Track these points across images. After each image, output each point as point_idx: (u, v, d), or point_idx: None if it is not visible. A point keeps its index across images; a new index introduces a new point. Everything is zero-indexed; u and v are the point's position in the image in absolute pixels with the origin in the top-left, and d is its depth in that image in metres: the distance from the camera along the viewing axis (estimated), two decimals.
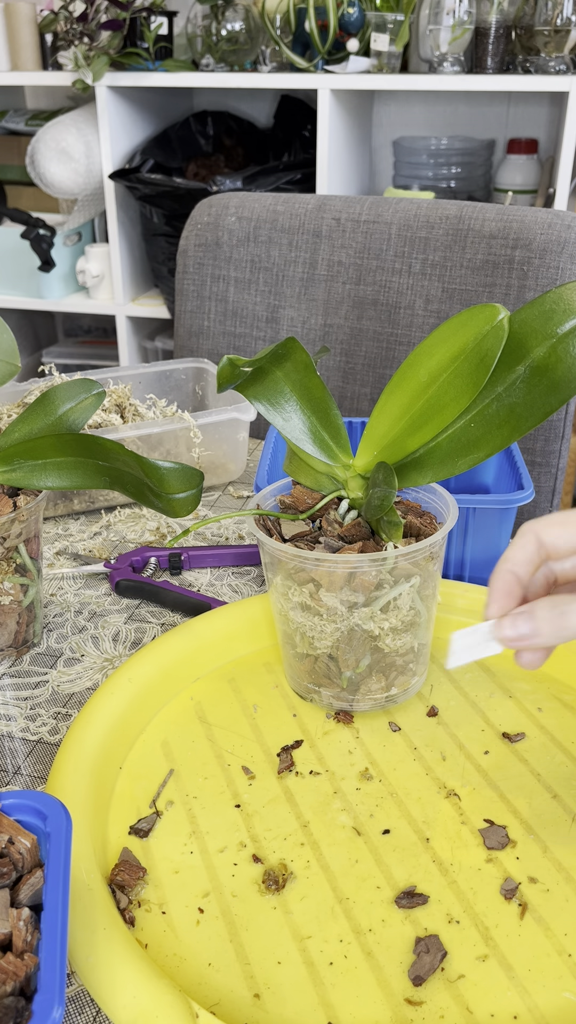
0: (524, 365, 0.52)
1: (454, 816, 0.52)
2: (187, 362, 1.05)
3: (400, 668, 0.58)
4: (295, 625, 0.57)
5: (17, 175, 2.25)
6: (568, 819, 0.52)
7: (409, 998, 0.42)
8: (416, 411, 0.54)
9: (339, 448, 0.58)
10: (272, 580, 0.58)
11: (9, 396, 0.91)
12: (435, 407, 0.53)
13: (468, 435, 0.54)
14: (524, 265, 1.08)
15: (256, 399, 0.57)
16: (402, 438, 0.55)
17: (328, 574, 0.53)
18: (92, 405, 0.65)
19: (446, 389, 0.52)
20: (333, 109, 1.80)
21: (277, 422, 0.57)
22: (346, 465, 0.58)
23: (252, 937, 0.45)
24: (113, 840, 0.51)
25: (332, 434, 0.58)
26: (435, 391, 0.53)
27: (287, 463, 0.61)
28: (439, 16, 1.68)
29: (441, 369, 0.53)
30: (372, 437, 0.57)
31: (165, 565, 0.79)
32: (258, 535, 0.57)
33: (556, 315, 0.51)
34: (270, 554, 0.56)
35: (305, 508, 0.59)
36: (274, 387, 0.57)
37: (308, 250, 1.20)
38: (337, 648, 0.56)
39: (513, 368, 0.52)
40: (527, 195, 1.94)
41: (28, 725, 0.60)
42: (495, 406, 0.53)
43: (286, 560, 0.55)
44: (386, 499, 0.51)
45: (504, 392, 0.52)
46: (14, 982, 0.35)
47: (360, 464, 0.58)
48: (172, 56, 1.94)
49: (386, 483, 0.52)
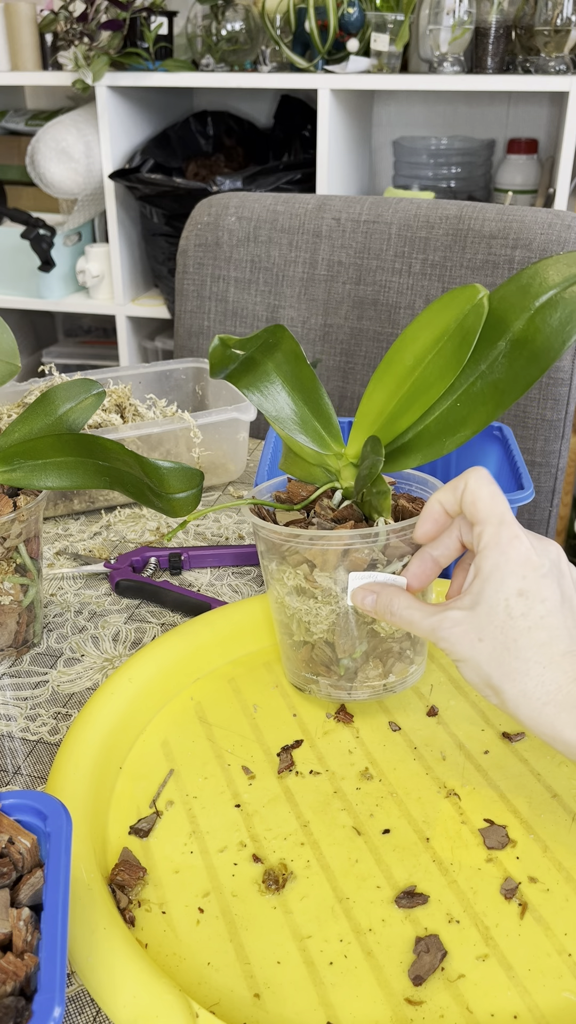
0: (505, 340, 0.53)
1: (454, 816, 0.52)
2: (187, 362, 1.05)
3: (397, 654, 0.58)
4: (291, 611, 0.57)
5: (17, 175, 2.25)
6: (568, 819, 0.52)
7: (409, 998, 0.42)
8: (403, 394, 0.55)
9: (330, 437, 0.59)
10: (268, 567, 0.58)
11: (9, 396, 0.91)
12: (421, 388, 0.54)
13: (454, 415, 0.55)
14: (524, 265, 1.07)
15: (248, 389, 0.57)
16: (390, 421, 0.56)
17: (321, 553, 0.54)
18: (92, 405, 0.65)
19: (430, 370, 0.53)
20: (333, 109, 1.80)
21: (270, 412, 0.58)
22: (338, 454, 0.59)
23: (252, 937, 0.45)
24: (113, 840, 0.51)
25: (323, 423, 0.59)
26: (420, 373, 0.54)
27: (283, 461, 0.62)
28: (439, 16, 1.68)
29: (426, 351, 0.54)
30: (362, 424, 0.58)
31: (165, 565, 0.79)
32: (253, 519, 0.58)
33: (533, 288, 0.52)
34: (265, 540, 0.57)
35: (300, 501, 0.59)
36: (265, 377, 0.58)
37: (308, 250, 1.20)
38: (333, 632, 0.56)
39: (494, 344, 0.53)
40: (527, 195, 1.94)
41: (28, 725, 0.60)
42: (479, 384, 0.54)
43: (280, 542, 0.55)
44: (374, 467, 0.52)
45: (487, 369, 0.53)
46: (14, 982, 0.35)
47: (352, 452, 0.59)
48: (172, 56, 1.94)
49: (374, 452, 0.53)
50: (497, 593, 0.46)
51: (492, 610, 0.46)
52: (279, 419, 0.58)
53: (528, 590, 0.46)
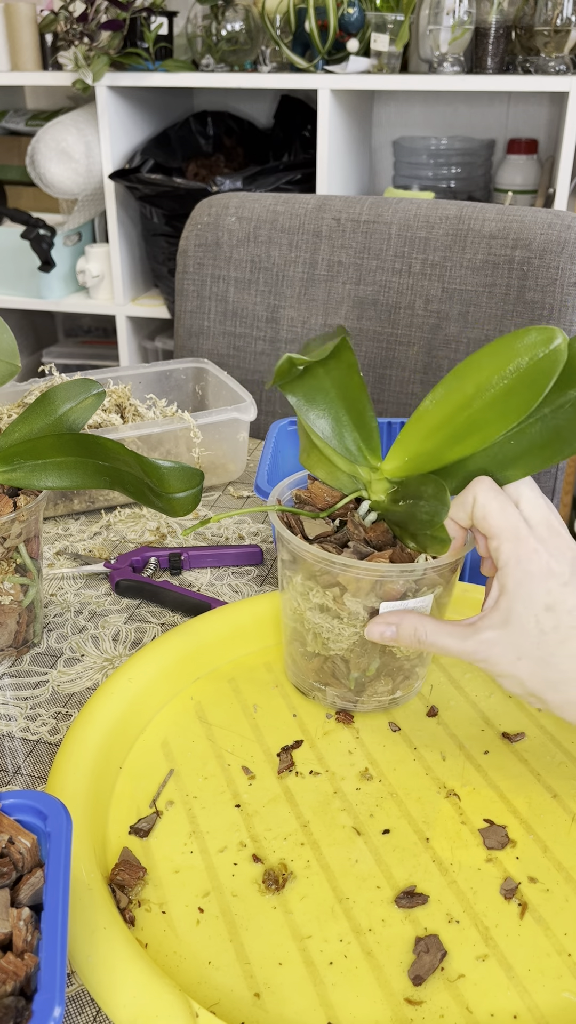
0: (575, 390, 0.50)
1: (454, 816, 0.52)
2: (187, 362, 1.05)
3: (407, 672, 0.58)
4: (310, 625, 0.57)
5: (17, 175, 2.25)
6: (568, 819, 0.52)
7: (409, 998, 0.42)
8: (458, 424, 0.52)
9: (369, 451, 0.57)
10: (291, 578, 0.57)
11: (9, 396, 0.91)
12: (478, 423, 0.51)
13: (506, 452, 0.52)
14: (524, 265, 1.08)
15: (293, 393, 0.56)
16: (440, 448, 0.53)
17: (355, 580, 0.53)
18: (92, 405, 0.65)
19: (492, 405, 0.51)
20: (333, 109, 1.80)
21: (309, 417, 0.56)
22: (373, 468, 0.57)
23: (252, 937, 0.45)
24: (113, 840, 0.51)
25: (364, 436, 0.57)
26: (480, 406, 0.51)
27: (304, 455, 0.60)
28: (439, 16, 1.68)
29: (489, 384, 0.51)
30: (407, 442, 0.55)
31: (165, 565, 0.79)
32: (283, 533, 0.56)
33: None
34: (293, 553, 0.56)
35: (323, 505, 0.58)
36: (314, 383, 0.56)
37: (308, 250, 1.20)
38: (351, 651, 0.56)
39: (564, 392, 0.50)
40: (527, 195, 1.94)
41: (28, 725, 0.60)
42: (538, 426, 0.51)
43: (312, 562, 0.55)
44: (436, 516, 0.50)
45: (550, 413, 0.51)
46: (14, 982, 0.35)
47: (389, 468, 0.56)
48: (172, 56, 1.94)
49: (437, 499, 0.50)
50: (526, 611, 0.48)
51: (524, 628, 0.48)
52: (319, 425, 0.56)
53: (554, 604, 0.48)
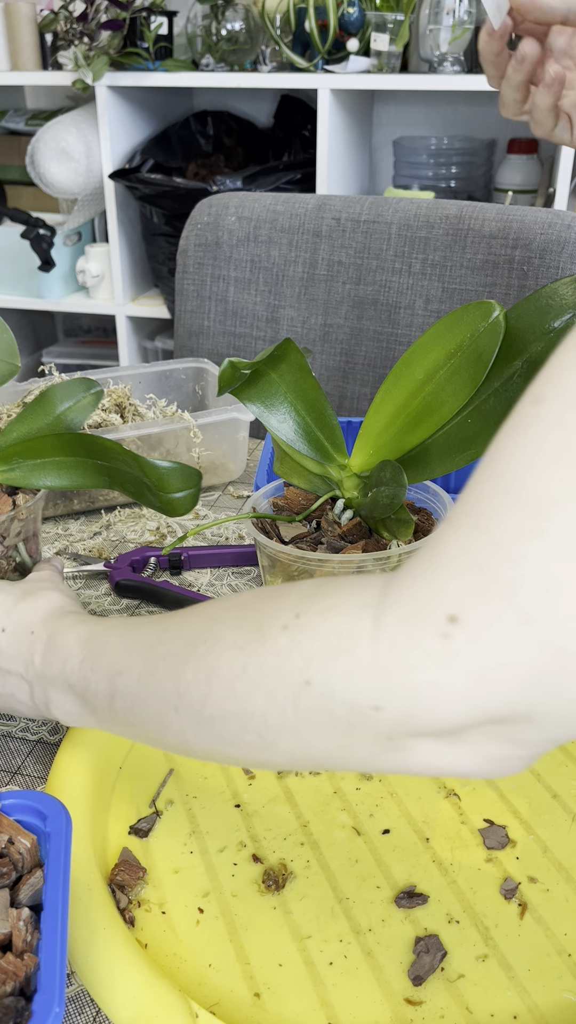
0: (521, 360, 0.52)
1: (454, 816, 0.52)
2: (187, 362, 1.05)
3: None
4: None
5: (17, 175, 2.25)
6: (568, 819, 0.52)
7: (409, 998, 0.42)
8: (413, 409, 0.54)
9: (334, 449, 0.58)
10: (272, 583, 0.58)
11: (9, 396, 0.91)
12: (432, 405, 0.53)
13: (465, 431, 0.54)
14: (524, 265, 1.07)
15: (251, 401, 0.57)
16: (399, 436, 0.55)
17: (333, 574, 0.53)
18: (90, 404, 0.64)
19: (443, 386, 0.52)
20: (333, 109, 1.80)
21: (271, 423, 0.57)
22: (342, 465, 0.58)
23: (252, 937, 0.45)
24: (113, 840, 0.51)
25: (327, 435, 0.58)
26: (431, 388, 0.53)
27: (278, 465, 0.61)
28: (439, 16, 1.68)
29: (437, 367, 0.53)
30: (368, 436, 0.57)
31: (165, 565, 0.79)
32: (258, 538, 0.57)
33: (552, 310, 0.51)
34: (270, 556, 0.56)
35: (299, 509, 0.59)
36: (269, 388, 0.57)
37: (308, 250, 1.20)
38: None
39: (510, 363, 0.52)
40: (527, 195, 1.94)
41: (28, 725, 0.60)
42: (492, 401, 0.53)
43: (289, 562, 0.55)
44: (396, 498, 0.51)
45: (501, 387, 0.52)
46: (14, 982, 0.35)
47: (356, 463, 0.58)
48: (172, 56, 1.94)
49: (395, 481, 0.52)
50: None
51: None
52: (282, 431, 0.57)
53: None
